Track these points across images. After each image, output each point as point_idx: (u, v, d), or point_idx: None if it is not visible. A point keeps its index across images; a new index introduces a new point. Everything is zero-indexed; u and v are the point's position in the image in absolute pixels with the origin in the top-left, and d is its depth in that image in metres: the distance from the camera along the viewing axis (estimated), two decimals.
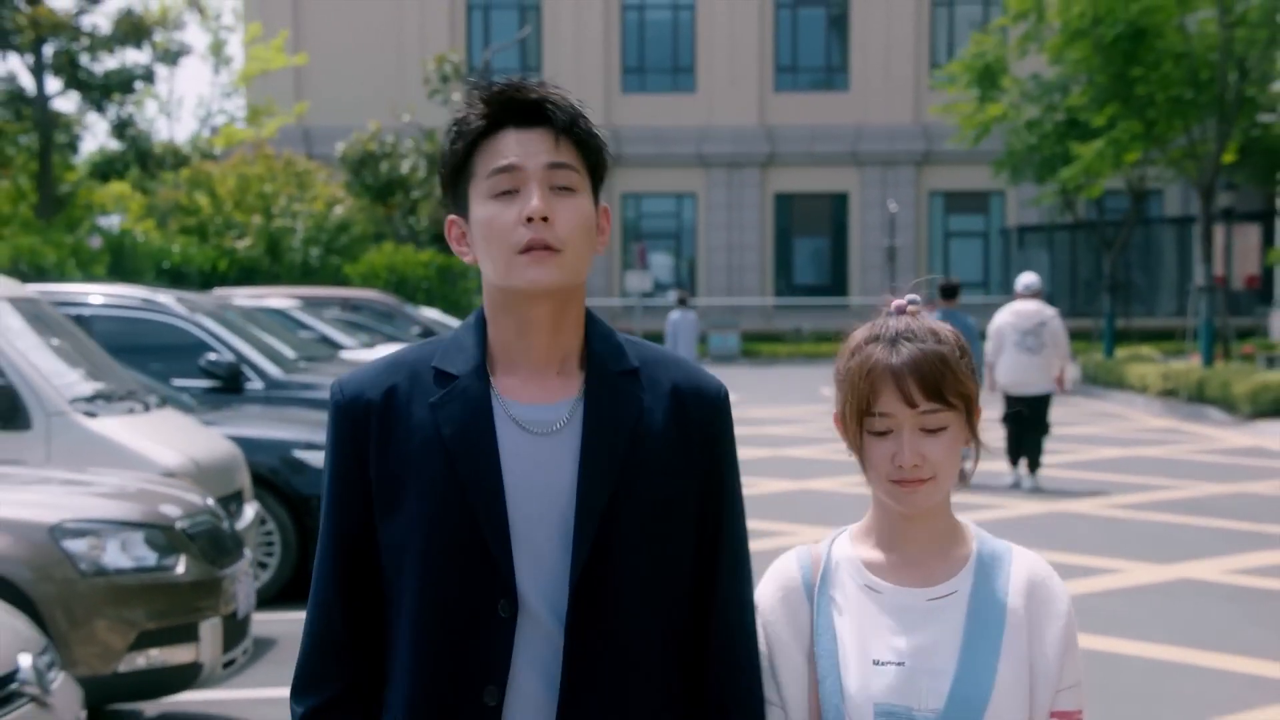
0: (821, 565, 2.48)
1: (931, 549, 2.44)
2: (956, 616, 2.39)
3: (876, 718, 2.35)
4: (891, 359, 2.38)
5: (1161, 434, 20.84)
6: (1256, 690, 7.46)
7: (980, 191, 47.04)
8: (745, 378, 34.32)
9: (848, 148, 48.27)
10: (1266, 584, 10.14)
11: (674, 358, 2.43)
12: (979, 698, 2.33)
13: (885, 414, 2.37)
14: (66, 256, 22.22)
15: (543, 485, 2.27)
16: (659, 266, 48.27)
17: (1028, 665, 2.36)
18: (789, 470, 16.20)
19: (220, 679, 6.66)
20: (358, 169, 33.05)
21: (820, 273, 49.61)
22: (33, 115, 26.90)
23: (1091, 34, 26.73)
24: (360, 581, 2.31)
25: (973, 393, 2.42)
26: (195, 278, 25.86)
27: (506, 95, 2.30)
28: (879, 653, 2.38)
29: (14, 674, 4.68)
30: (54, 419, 7.87)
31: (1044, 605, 2.40)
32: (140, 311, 11.88)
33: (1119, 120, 27.22)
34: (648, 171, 48.53)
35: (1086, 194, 31.20)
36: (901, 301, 2.47)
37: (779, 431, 20.76)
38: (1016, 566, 2.43)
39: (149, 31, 27.05)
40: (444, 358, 2.33)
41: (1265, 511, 13.26)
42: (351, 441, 2.31)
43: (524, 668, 2.24)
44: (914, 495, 2.39)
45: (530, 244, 2.23)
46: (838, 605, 2.43)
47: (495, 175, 2.27)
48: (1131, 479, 15.42)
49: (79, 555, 6.13)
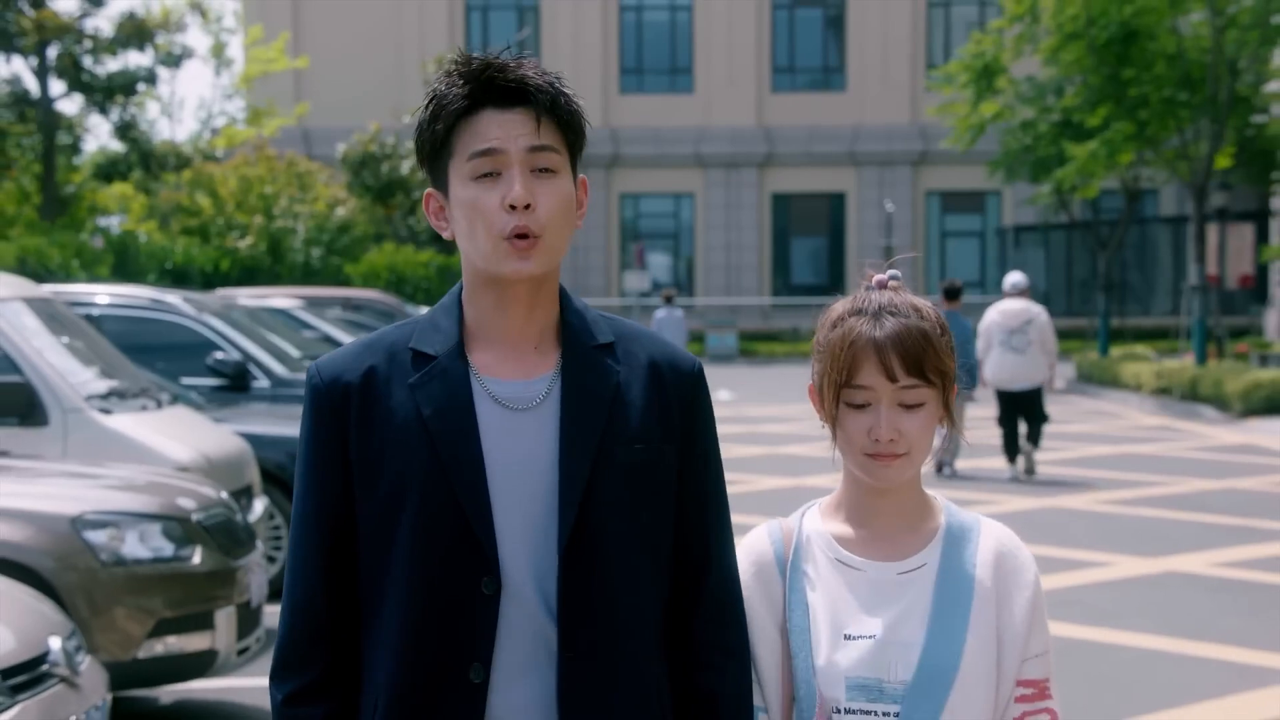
0: (794, 539, 2.48)
1: (901, 523, 2.45)
2: (925, 589, 2.39)
3: (848, 690, 2.37)
4: (874, 332, 2.38)
5: (1154, 431, 21.07)
6: (1236, 676, 7.70)
7: (976, 191, 47.28)
8: (743, 377, 34.54)
9: (845, 148, 48.50)
10: (1251, 576, 10.38)
11: (648, 333, 2.43)
12: (947, 668, 2.34)
13: (864, 386, 2.37)
14: (71, 257, 22.47)
15: (523, 461, 2.28)
16: (657, 266, 48.48)
17: (995, 635, 2.37)
18: (785, 468, 16.43)
19: (234, 666, 6.88)
20: (358, 170, 33.29)
21: (817, 272, 49.83)
22: (36, 117, 27.14)
23: (1085, 36, 26.97)
24: (340, 564, 2.32)
25: (951, 371, 2.42)
26: (197, 278, 26.08)
27: (487, 75, 2.29)
28: (850, 626, 2.39)
29: (45, 656, 4.91)
30: (70, 415, 8.10)
31: (1011, 576, 2.41)
32: (149, 311, 12.11)
33: (1112, 121, 27.46)
34: (646, 172, 48.76)
35: (1081, 194, 31.44)
36: (883, 276, 2.47)
37: (776, 429, 20.99)
38: (984, 538, 2.44)
39: (151, 34, 27.30)
40: (421, 338, 2.34)
41: (1253, 506, 13.50)
42: (331, 424, 2.31)
43: (508, 644, 2.25)
44: (887, 469, 2.40)
45: (514, 231, 2.26)
46: (810, 579, 2.44)
47: (476, 158, 2.28)
48: (1123, 475, 15.65)
49: (100, 546, 6.36)
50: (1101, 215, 39.42)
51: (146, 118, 32.19)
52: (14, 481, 6.71)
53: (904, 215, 48.35)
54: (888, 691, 2.36)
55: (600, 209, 48.37)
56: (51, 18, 26.60)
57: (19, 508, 6.37)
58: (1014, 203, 45.97)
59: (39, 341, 8.33)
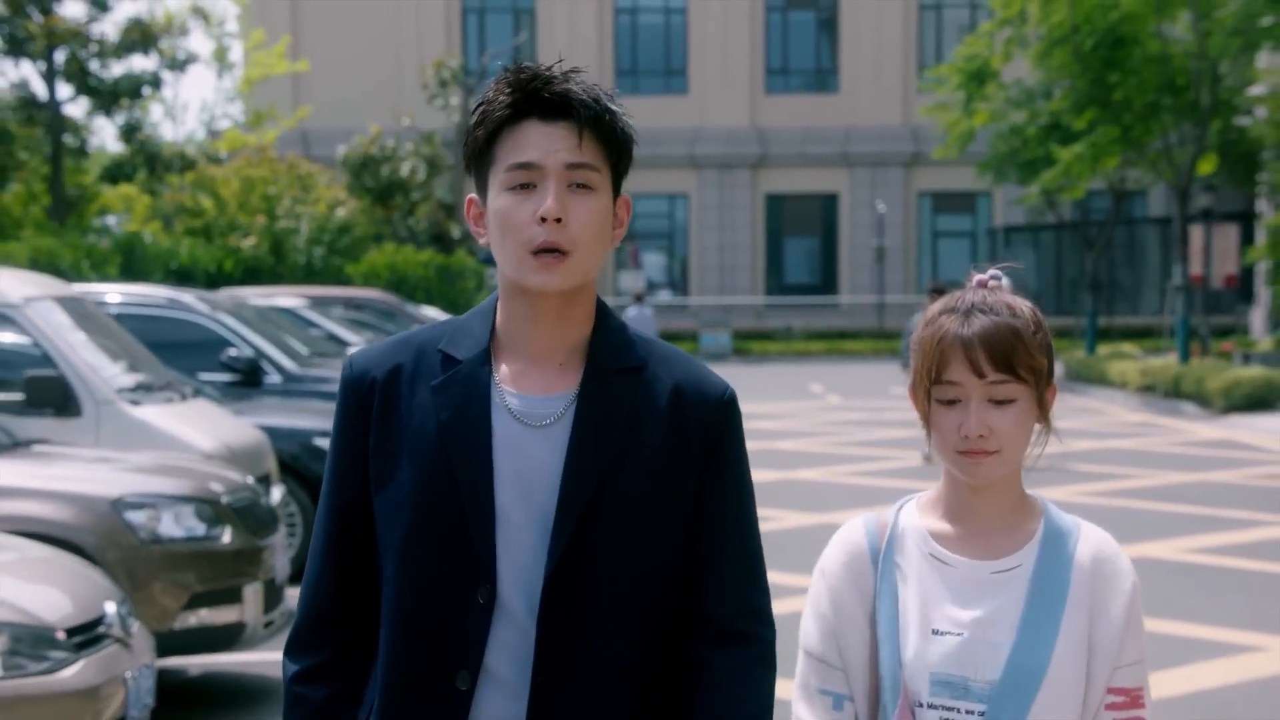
0: (888, 532, 2.48)
1: (998, 522, 2.44)
2: (1019, 590, 2.39)
3: (932, 686, 2.37)
4: (962, 329, 2.38)
5: (1136, 427, 21.63)
6: (1192, 650, 8.26)
7: (967, 192, 47.75)
8: (736, 375, 35.06)
9: (837, 149, 49.01)
10: (1214, 560, 10.95)
11: (683, 357, 2.40)
12: (1035, 670, 2.34)
13: (953, 383, 2.37)
14: (81, 258, 23.00)
15: (530, 477, 2.28)
16: (652, 266, 49.03)
17: (1087, 641, 2.37)
18: (777, 462, 16.97)
19: (260, 639, 7.43)
20: (359, 172, 33.81)
21: (810, 272, 50.34)
22: (44, 120, 27.69)
23: (1071, 41, 27.54)
24: (353, 554, 2.36)
25: (1044, 369, 2.41)
26: (201, 277, 26.58)
27: (532, 86, 2.29)
28: (939, 622, 2.39)
29: (101, 619, 5.47)
30: (102, 407, 8.64)
31: (1108, 582, 2.40)
32: (165, 310, 12.66)
33: (1097, 125, 28.04)
34: (641, 172, 49.14)
35: (1068, 195, 32.02)
36: (984, 276, 2.47)
37: (768, 426, 21.54)
38: (1083, 543, 2.43)
39: (156, 39, 27.86)
40: (451, 341, 2.35)
41: (1225, 498, 14.07)
42: (356, 415, 2.35)
43: (496, 655, 2.27)
44: (979, 467, 2.39)
45: (543, 245, 2.25)
46: (902, 573, 2.44)
47: (514, 170, 2.28)
48: (1101, 469, 16.21)
49: (138, 525, 6.91)
50: (1091, 215, 40.01)
51: (150, 121, 32.77)
52: (58, 466, 7.27)
53: (896, 215, 48.87)
54: (973, 690, 2.36)
55: None
56: (61, 24, 27.16)
57: (65, 490, 6.93)
58: (1004, 203, 46.50)
59: (71, 338, 8.87)
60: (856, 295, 48.73)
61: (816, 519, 12.71)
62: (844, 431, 20.63)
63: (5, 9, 26.94)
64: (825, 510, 13.13)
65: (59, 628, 5.20)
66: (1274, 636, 8.60)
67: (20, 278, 9.41)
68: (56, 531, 6.69)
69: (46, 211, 28.34)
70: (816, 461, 16.96)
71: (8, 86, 28.61)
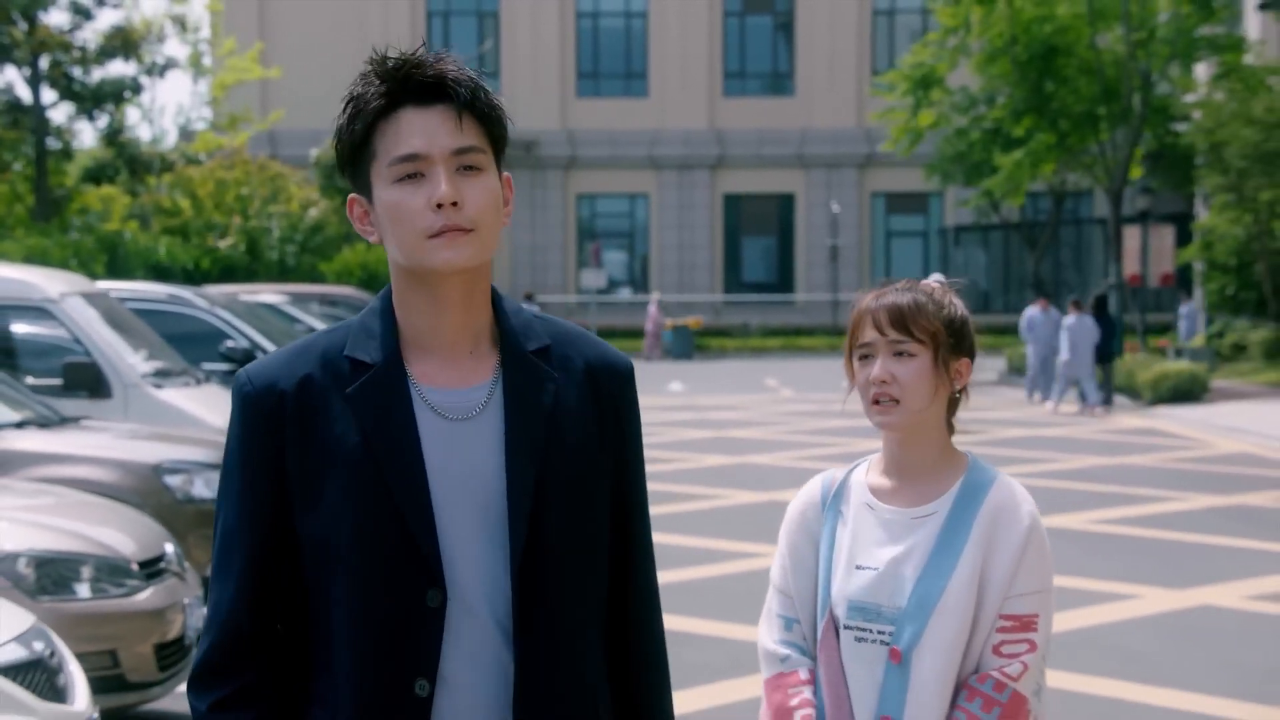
0: (836, 485, 2.91)
1: (923, 476, 2.84)
2: (931, 533, 2.78)
3: (849, 611, 2.78)
4: (874, 303, 2.84)
5: (1067, 418, 22.97)
6: (1084, 598, 9.54)
7: (919, 193, 48.85)
8: (695, 371, 36.37)
9: (793, 150, 50.15)
10: (1114, 530, 12.26)
11: (580, 332, 2.39)
12: (932, 598, 2.72)
13: (866, 342, 2.83)
14: (70, 256, 24.09)
15: (465, 472, 2.22)
16: (613, 264, 50.06)
17: (979, 576, 2.74)
18: (729, 448, 18.23)
19: None
20: (331, 173, 34.92)
21: (767, 270, 51.42)
22: (29, 124, 28.78)
23: (1010, 51, 28.92)
24: (272, 578, 2.25)
25: (943, 336, 2.81)
26: (179, 275, 27.67)
27: (404, 72, 2.22)
28: (863, 559, 2.80)
29: (163, 556, 6.67)
30: (130, 390, 9.83)
31: (1004, 528, 2.76)
32: (166, 305, 13.81)
33: (1035, 132, 29.45)
34: (602, 173, 50.36)
35: (1011, 200, 33.46)
36: (929, 280, 2.94)
37: (722, 416, 22.81)
38: (993, 493, 2.81)
39: (136, 46, 28.97)
40: (355, 345, 2.26)
41: (1135, 478, 15.40)
42: (265, 433, 2.23)
43: (453, 657, 2.21)
44: (886, 415, 2.81)
45: (442, 229, 2.18)
46: (843, 518, 2.85)
47: (399, 163, 2.20)
48: (1026, 453, 17.52)
49: (175, 487, 8.10)
50: (1040, 216, 41.40)
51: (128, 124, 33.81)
52: (104, 438, 8.47)
53: (850, 216, 50.08)
54: (884, 614, 2.75)
55: (558, 209, 49.99)
56: (47, 32, 28.26)
57: (112, 457, 8.13)
58: (955, 204, 47.85)
59: (100, 329, 10.06)
60: (812, 293, 49.98)
61: (763, 497, 13.93)
62: (794, 422, 21.88)
63: None
64: (771, 489, 14.34)
65: (132, 560, 6.40)
66: (1152, 587, 9.94)
67: (51, 275, 10.60)
68: (107, 491, 7.87)
69: (30, 212, 29.44)
70: (766, 448, 18.21)
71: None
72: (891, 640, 2.73)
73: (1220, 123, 28.31)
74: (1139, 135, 28.77)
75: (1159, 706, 7.26)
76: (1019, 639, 2.73)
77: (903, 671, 2.71)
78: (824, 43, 50.38)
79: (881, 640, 2.74)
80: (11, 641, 4.82)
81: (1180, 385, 24.12)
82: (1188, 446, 18.71)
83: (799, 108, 50.47)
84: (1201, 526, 12.33)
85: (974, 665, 2.73)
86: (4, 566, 6.04)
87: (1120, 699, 7.38)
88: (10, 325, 10.17)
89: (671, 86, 50.37)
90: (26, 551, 6.12)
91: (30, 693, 4.70)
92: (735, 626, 8.78)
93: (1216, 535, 11.93)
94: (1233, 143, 27.95)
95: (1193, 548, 11.48)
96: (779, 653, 2.86)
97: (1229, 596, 9.74)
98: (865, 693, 2.74)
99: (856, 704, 2.75)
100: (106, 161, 29.24)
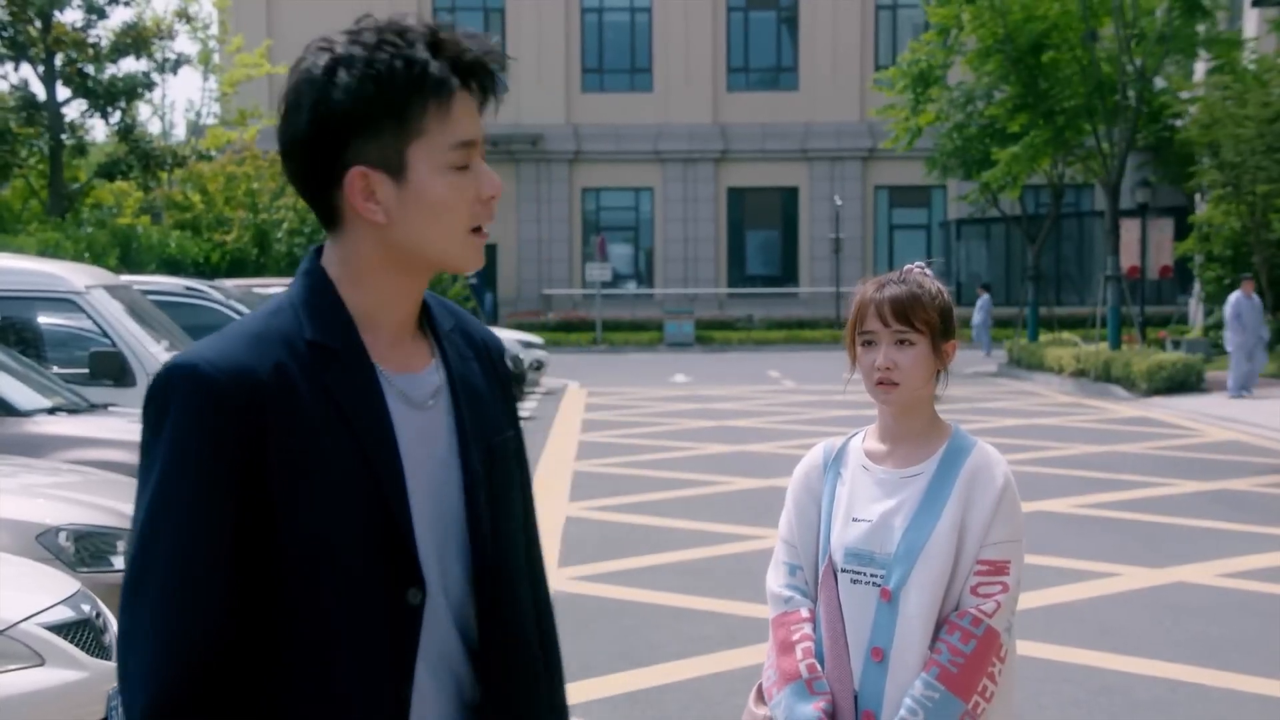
0: (836, 450, 3.27)
1: (913, 442, 3.20)
2: (918, 490, 3.12)
3: (846, 557, 3.12)
4: (877, 295, 3.15)
5: (1064, 408, 23.37)
6: (1063, 576, 9.96)
7: (922, 186, 49.13)
8: (699, 362, 36.79)
9: (797, 144, 50.56)
10: (1098, 513, 12.69)
11: (466, 312, 2.32)
12: (918, 545, 3.07)
13: (870, 330, 3.15)
14: (83, 249, 24.53)
15: (427, 461, 2.12)
16: (618, 257, 50.47)
17: (959, 526, 3.08)
18: (730, 437, 18.66)
19: None
20: None
21: (771, 264, 51.83)
22: (44, 120, 29.24)
23: (1003, 49, 29.34)
24: (237, 591, 1.99)
25: (937, 324, 3.14)
26: (190, 268, 28.10)
27: (472, 57, 2.08)
28: (859, 512, 3.14)
29: None
30: None
31: (981, 486, 3.11)
32: (183, 297, 14.27)
33: (1030, 128, 29.85)
34: (607, 167, 50.75)
35: (1009, 194, 33.89)
36: (913, 266, 3.24)
37: (724, 407, 23.24)
38: (973, 457, 3.16)
39: (149, 43, 29.42)
40: (314, 329, 2.06)
41: (1124, 465, 15.82)
42: (238, 427, 1.98)
43: (427, 653, 2.10)
44: (889, 395, 3.15)
45: (482, 224, 2.10)
46: (842, 479, 3.21)
47: (460, 149, 2.05)
48: (1020, 441, 17.91)
49: None
50: (1041, 209, 41.77)
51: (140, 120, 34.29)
52: (133, 422, 8.90)
53: (853, 209, 50.48)
54: (877, 559, 3.09)
55: (563, 202, 50.39)
56: (62, 30, 28.71)
57: (138, 440, 8.54)
58: (958, 197, 48.23)
59: (124, 320, 10.49)
60: (815, 286, 50.38)
61: (761, 483, 14.35)
62: (794, 412, 22.30)
63: (7, 16, 28.56)
64: (768, 476, 14.76)
65: None
66: (1131, 566, 10.37)
67: (77, 269, 11.03)
68: (133, 473, 8.29)
69: (44, 206, 29.89)
70: (765, 437, 18.64)
71: (9, 88, 30.26)
72: (883, 582, 3.06)
73: (1216, 119, 28.67)
74: (1134, 131, 29.16)
75: (1131, 673, 7.69)
76: (993, 581, 3.05)
77: (892, 609, 3.05)
78: (827, 37, 50.76)
79: (874, 582, 3.07)
80: (61, 604, 5.26)
81: (1176, 375, 24.51)
82: (1178, 435, 19.11)
83: (802, 102, 50.86)
84: (1184, 510, 12.76)
85: (954, 604, 3.05)
86: (46, 539, 6.47)
87: (1096, 667, 7.81)
88: (38, 316, 10.62)
89: (676, 81, 50.78)
90: (67, 526, 6.56)
91: (80, 649, 5.14)
92: (731, 603, 9.21)
93: (1197, 518, 12.36)
94: (1228, 139, 28.31)
95: (1173, 529, 11.91)
96: (784, 594, 3.21)
97: (1203, 575, 10.18)
98: (859, 627, 3.08)
99: (851, 637, 3.10)
100: (119, 157, 29.69)
